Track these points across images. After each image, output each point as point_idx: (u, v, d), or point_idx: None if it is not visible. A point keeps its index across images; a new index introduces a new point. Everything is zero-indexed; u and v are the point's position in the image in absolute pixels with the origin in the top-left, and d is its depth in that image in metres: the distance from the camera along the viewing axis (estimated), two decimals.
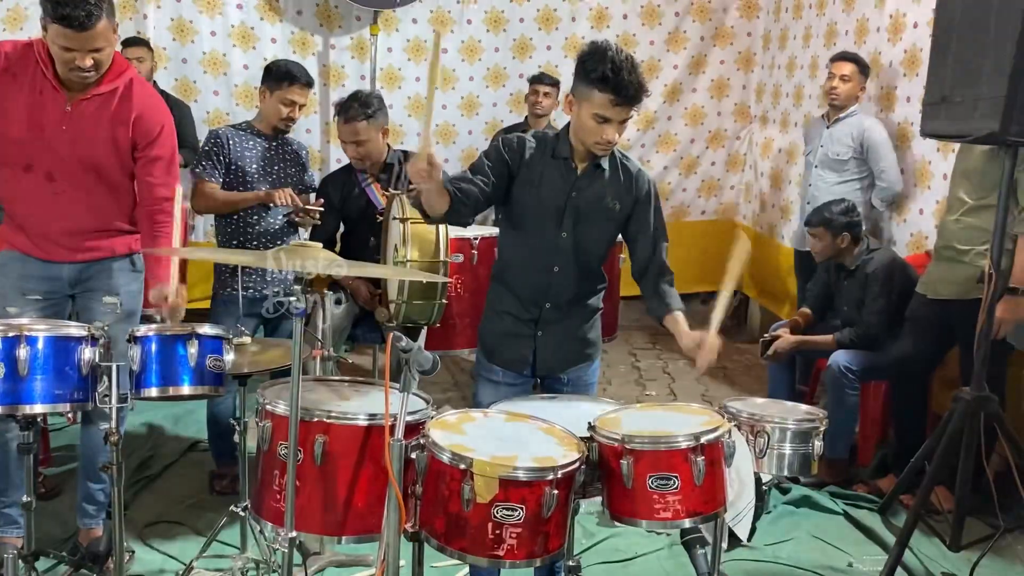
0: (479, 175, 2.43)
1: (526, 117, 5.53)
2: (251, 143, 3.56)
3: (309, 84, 3.59)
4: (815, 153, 4.67)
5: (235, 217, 3.54)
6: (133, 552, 3.03)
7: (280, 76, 3.51)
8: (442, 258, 3.36)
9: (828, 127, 4.60)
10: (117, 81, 2.72)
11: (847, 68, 4.47)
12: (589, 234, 2.51)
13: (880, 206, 4.54)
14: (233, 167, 3.51)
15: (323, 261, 2.05)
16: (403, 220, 3.24)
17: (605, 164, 2.48)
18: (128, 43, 4.84)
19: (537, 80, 5.39)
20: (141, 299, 2.97)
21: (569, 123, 2.46)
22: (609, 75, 2.25)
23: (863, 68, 4.50)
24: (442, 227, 3.27)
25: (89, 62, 2.56)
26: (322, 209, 3.58)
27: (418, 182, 2.25)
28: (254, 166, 3.54)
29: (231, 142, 3.52)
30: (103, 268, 2.86)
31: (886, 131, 4.47)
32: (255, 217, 3.54)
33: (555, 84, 5.38)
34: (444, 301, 3.41)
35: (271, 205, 3.50)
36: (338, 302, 2.14)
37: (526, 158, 2.47)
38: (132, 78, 2.76)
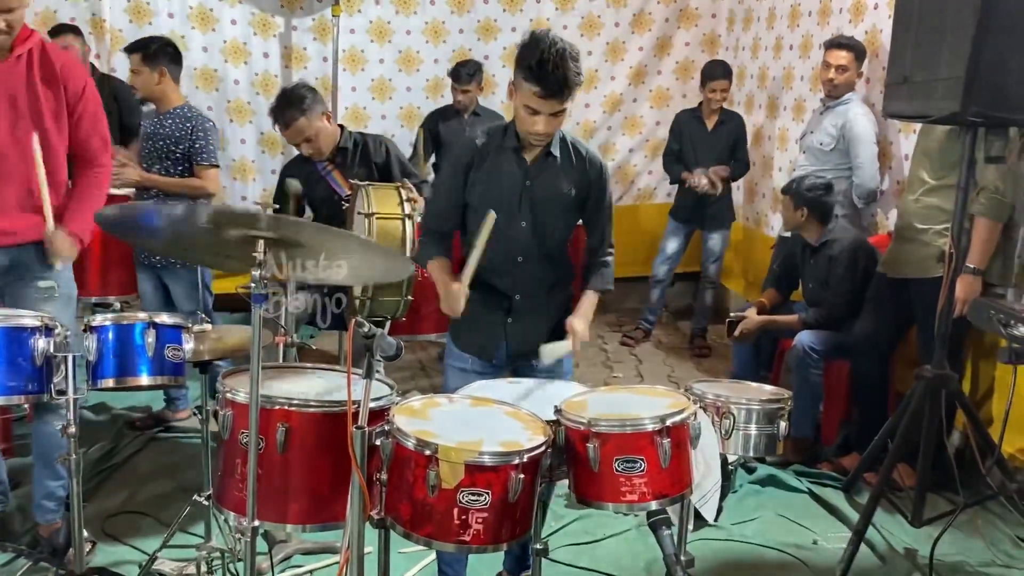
0: (443, 205, 2.57)
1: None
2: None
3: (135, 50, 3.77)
4: (806, 139, 4.48)
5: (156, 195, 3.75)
6: (95, 543, 2.98)
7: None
8: (407, 254, 3.34)
9: (822, 113, 4.38)
10: (28, 43, 2.67)
11: (844, 58, 4.20)
12: (548, 222, 2.51)
13: (858, 203, 4.28)
14: None
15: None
16: (368, 215, 3.19)
17: (556, 151, 2.48)
18: (56, 31, 4.66)
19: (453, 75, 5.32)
20: (74, 283, 2.90)
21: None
22: (534, 67, 2.25)
23: (859, 54, 4.22)
24: (408, 223, 3.25)
25: (1, 24, 2.53)
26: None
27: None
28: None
29: None
30: (35, 252, 2.75)
31: (872, 122, 4.22)
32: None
33: (473, 76, 5.24)
34: (410, 297, 3.41)
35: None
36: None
37: (477, 156, 2.49)
38: (41, 40, 2.74)
